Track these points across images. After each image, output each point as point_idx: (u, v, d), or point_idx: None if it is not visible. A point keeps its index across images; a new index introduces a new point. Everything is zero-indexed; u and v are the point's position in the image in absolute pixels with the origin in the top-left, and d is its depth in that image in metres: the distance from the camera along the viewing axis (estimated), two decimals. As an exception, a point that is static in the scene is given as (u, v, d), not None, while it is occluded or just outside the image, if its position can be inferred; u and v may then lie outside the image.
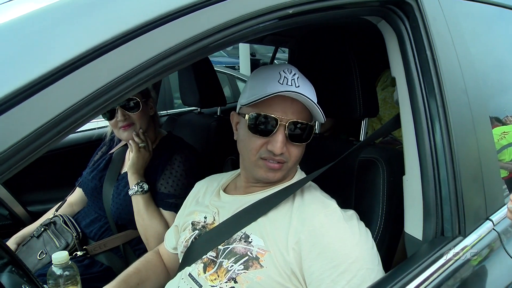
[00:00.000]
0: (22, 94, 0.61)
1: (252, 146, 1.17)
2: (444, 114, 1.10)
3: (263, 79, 1.16)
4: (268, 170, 1.17)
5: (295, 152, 1.17)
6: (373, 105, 1.43)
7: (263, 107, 1.14)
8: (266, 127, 1.14)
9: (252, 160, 1.19)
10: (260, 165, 1.17)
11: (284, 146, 1.14)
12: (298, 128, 1.15)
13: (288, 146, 1.15)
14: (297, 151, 1.18)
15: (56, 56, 0.64)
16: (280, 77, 1.14)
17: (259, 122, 1.14)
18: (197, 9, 0.77)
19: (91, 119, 0.71)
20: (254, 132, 1.15)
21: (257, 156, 1.17)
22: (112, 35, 0.69)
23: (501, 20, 1.55)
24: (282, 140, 1.13)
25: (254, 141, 1.16)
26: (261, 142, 1.15)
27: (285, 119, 1.13)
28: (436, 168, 1.09)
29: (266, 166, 1.17)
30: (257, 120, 1.14)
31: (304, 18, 0.94)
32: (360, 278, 1.01)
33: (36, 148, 0.64)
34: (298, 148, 1.18)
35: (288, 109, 1.14)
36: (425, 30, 1.13)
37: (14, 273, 0.99)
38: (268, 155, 1.15)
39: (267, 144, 1.14)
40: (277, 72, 1.15)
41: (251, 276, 1.07)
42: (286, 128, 1.13)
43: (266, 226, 1.14)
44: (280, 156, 1.14)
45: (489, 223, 1.19)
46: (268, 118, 1.13)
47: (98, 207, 1.86)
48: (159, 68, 0.74)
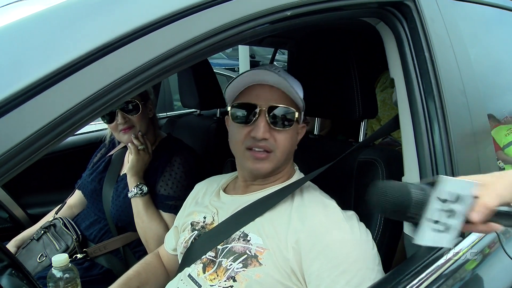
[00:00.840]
0: (22, 97, 0.61)
1: (238, 137, 1.19)
2: (442, 115, 1.11)
3: (245, 75, 1.20)
4: (255, 161, 1.18)
5: (281, 140, 1.18)
6: (372, 106, 1.43)
7: (244, 97, 1.19)
8: (247, 115, 1.17)
9: (240, 151, 1.20)
10: (247, 156, 1.19)
11: (267, 132, 1.15)
12: (279, 113, 1.17)
13: (273, 132, 1.17)
14: (284, 139, 1.18)
15: (55, 59, 0.64)
16: (262, 69, 1.18)
17: (240, 111, 1.19)
18: (197, 11, 0.77)
19: (90, 121, 0.71)
20: (237, 121, 1.19)
21: (243, 146, 1.18)
22: (111, 38, 0.69)
23: (499, 22, 1.55)
24: (264, 125, 1.15)
25: (239, 131, 1.19)
26: (246, 131, 1.18)
27: (264, 105, 1.16)
28: (435, 169, 1.09)
29: (252, 157, 1.18)
30: (238, 109, 1.19)
31: (303, 20, 0.94)
32: (360, 278, 1.01)
33: (35, 150, 0.64)
34: (284, 135, 1.18)
35: (267, 94, 1.17)
36: (423, 32, 1.13)
37: (14, 276, 0.99)
38: (252, 143, 1.17)
39: (251, 132, 1.16)
40: (260, 70, 1.19)
41: (250, 274, 1.07)
42: (266, 113, 1.15)
43: (264, 225, 1.14)
44: (265, 142, 1.16)
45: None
46: (247, 105, 1.17)
47: (97, 209, 1.86)
48: (158, 71, 0.74)
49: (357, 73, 1.35)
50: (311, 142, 1.62)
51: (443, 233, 0.78)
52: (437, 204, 0.78)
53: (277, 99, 1.17)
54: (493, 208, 0.78)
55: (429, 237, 0.78)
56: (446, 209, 0.78)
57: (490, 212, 0.78)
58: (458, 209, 0.78)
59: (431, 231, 0.78)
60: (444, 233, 0.78)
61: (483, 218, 0.78)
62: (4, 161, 0.61)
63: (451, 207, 0.78)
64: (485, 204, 0.78)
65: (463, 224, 0.79)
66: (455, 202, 0.78)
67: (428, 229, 0.78)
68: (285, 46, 3.01)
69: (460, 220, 0.79)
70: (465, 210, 0.78)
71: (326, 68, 1.48)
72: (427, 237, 0.78)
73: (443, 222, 0.78)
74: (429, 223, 0.78)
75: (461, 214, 0.78)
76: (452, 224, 0.78)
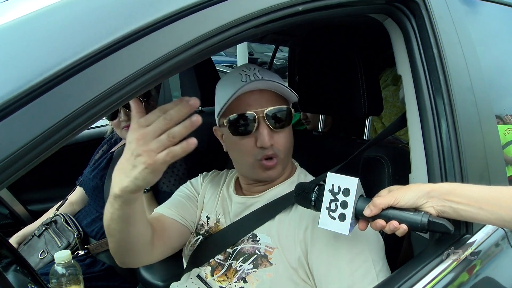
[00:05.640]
0: (32, 94, 0.60)
1: (245, 149, 1.17)
2: (451, 112, 1.10)
3: (227, 85, 1.17)
4: (266, 169, 1.17)
5: (282, 141, 1.17)
6: (377, 104, 1.42)
7: (236, 109, 1.15)
8: (247, 126, 1.14)
9: (249, 163, 1.18)
10: (258, 166, 1.17)
11: (271, 137, 1.14)
12: (276, 115, 1.15)
13: (274, 135, 1.16)
14: (284, 140, 1.18)
15: (61, 57, 0.63)
16: (242, 76, 1.15)
17: (238, 123, 1.15)
18: (205, 7, 0.76)
19: (99, 119, 0.70)
20: (238, 134, 1.16)
21: (253, 158, 1.17)
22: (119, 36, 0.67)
23: (507, 19, 1.54)
24: (268, 132, 1.14)
25: (244, 144, 1.16)
26: (250, 142, 1.15)
27: (260, 111, 1.14)
28: (443, 166, 1.09)
29: (263, 166, 1.17)
30: (236, 123, 1.15)
31: (312, 16, 0.93)
32: (365, 269, 1.02)
33: (44, 149, 0.63)
34: (283, 136, 1.18)
35: (259, 100, 1.15)
36: (431, 28, 1.12)
37: (19, 272, 0.98)
38: (262, 154, 1.15)
39: (256, 142, 1.15)
40: (237, 74, 1.16)
41: (261, 274, 1.07)
42: (265, 118, 1.14)
43: (273, 224, 1.14)
44: (272, 149, 1.15)
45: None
46: (244, 115, 1.14)
47: (99, 206, 1.85)
48: (165, 69, 0.73)
49: (362, 70, 1.35)
50: (314, 139, 1.61)
51: (339, 220, 0.94)
52: (329, 195, 0.95)
53: (270, 101, 1.15)
54: (381, 207, 0.92)
55: (327, 222, 0.95)
56: (341, 200, 0.94)
57: (378, 210, 0.92)
58: (349, 201, 0.93)
59: (329, 218, 0.95)
60: (339, 220, 0.94)
61: (371, 214, 0.92)
62: (12, 161, 0.59)
63: (344, 199, 0.94)
64: (374, 202, 0.92)
65: (353, 214, 0.93)
66: (346, 195, 0.94)
67: (326, 215, 0.95)
68: (287, 43, 3.00)
69: (351, 211, 0.93)
70: (354, 202, 0.93)
71: (331, 65, 1.47)
72: (326, 223, 0.95)
73: (339, 212, 0.94)
74: (326, 211, 0.95)
75: (352, 206, 0.93)
76: (346, 214, 0.93)
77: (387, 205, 0.92)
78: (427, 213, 0.91)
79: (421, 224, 0.90)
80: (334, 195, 0.95)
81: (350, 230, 0.93)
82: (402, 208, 0.92)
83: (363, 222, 0.96)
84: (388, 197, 0.93)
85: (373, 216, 0.92)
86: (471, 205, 0.90)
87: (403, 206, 0.92)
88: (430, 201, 0.91)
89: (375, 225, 0.93)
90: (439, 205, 0.91)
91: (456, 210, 0.91)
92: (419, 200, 0.92)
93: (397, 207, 0.92)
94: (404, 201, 0.92)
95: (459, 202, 0.90)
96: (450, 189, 0.93)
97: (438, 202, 0.91)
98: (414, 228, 0.91)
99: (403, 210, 0.92)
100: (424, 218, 0.90)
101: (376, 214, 0.92)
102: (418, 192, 0.92)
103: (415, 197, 0.92)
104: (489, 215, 0.89)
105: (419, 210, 0.92)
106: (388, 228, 0.91)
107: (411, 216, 0.91)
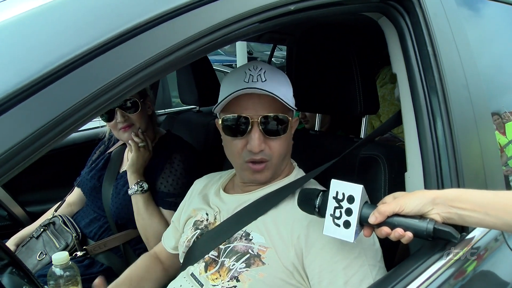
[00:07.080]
0: (24, 93, 0.60)
1: (234, 149, 1.17)
2: (446, 110, 1.10)
3: (230, 82, 1.16)
4: (254, 172, 1.17)
5: (276, 147, 1.16)
6: (373, 102, 1.42)
7: (233, 108, 1.14)
8: (239, 127, 1.14)
9: (238, 163, 1.19)
10: (245, 168, 1.17)
11: (262, 143, 1.13)
12: (271, 121, 1.14)
13: (267, 142, 1.14)
14: (279, 146, 1.16)
15: (55, 56, 0.63)
16: (246, 75, 1.14)
17: (231, 123, 1.15)
18: (198, 6, 0.76)
19: (93, 118, 0.70)
20: (229, 134, 1.16)
21: (241, 160, 1.16)
22: (113, 34, 0.68)
23: (502, 16, 1.54)
24: (259, 137, 1.12)
25: (234, 144, 1.16)
26: (241, 144, 1.15)
27: (256, 115, 1.12)
28: (439, 164, 1.08)
29: (251, 169, 1.16)
30: (229, 122, 1.15)
31: (305, 15, 0.93)
32: (362, 274, 1.01)
33: (37, 148, 0.63)
34: (278, 142, 1.16)
35: (256, 105, 1.13)
36: (426, 26, 1.12)
37: (15, 274, 0.98)
38: (249, 156, 1.14)
39: (246, 145, 1.14)
40: (243, 71, 1.15)
41: (253, 274, 1.07)
42: (259, 124, 1.12)
43: (267, 223, 1.14)
44: (261, 154, 1.14)
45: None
46: (238, 118, 1.13)
47: (97, 207, 1.86)
48: (159, 67, 0.73)
49: (358, 69, 1.34)
50: (312, 138, 1.61)
51: (344, 227, 0.93)
52: (333, 202, 0.94)
53: (268, 108, 1.13)
54: (386, 215, 0.91)
55: (332, 230, 0.94)
56: (345, 208, 0.93)
57: (383, 217, 0.91)
58: (354, 208, 0.92)
59: (334, 225, 0.94)
60: (344, 228, 0.93)
61: (376, 222, 0.91)
62: (6, 159, 0.59)
63: (349, 206, 0.93)
64: (379, 210, 0.91)
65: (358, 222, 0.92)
66: (351, 202, 0.92)
67: (331, 223, 0.94)
68: (284, 42, 2.99)
69: (356, 218, 0.92)
70: (359, 210, 0.92)
71: (327, 64, 1.47)
72: (331, 230, 0.94)
73: (343, 219, 0.93)
74: (331, 218, 0.94)
75: (356, 213, 0.92)
76: (351, 221, 0.92)
77: (392, 212, 0.91)
78: (433, 220, 0.90)
79: (426, 232, 0.89)
80: (339, 202, 0.93)
81: (355, 237, 0.92)
82: (407, 215, 0.92)
83: (368, 229, 0.95)
84: (393, 204, 0.92)
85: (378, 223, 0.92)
86: (476, 211, 0.88)
87: (409, 213, 0.91)
88: (435, 207, 0.90)
89: (380, 233, 0.92)
90: (445, 212, 0.90)
91: (462, 216, 0.90)
92: (424, 207, 0.91)
93: (402, 214, 0.92)
94: (409, 208, 0.91)
95: (464, 208, 0.89)
96: (456, 195, 0.92)
97: (444, 208, 0.90)
98: (419, 235, 0.90)
99: (408, 217, 0.91)
100: (429, 226, 0.89)
101: (381, 221, 0.91)
102: (423, 199, 0.91)
103: (421, 204, 0.91)
104: (495, 220, 0.88)
105: (425, 217, 0.91)
106: (393, 235, 0.91)
107: (417, 223, 0.90)
